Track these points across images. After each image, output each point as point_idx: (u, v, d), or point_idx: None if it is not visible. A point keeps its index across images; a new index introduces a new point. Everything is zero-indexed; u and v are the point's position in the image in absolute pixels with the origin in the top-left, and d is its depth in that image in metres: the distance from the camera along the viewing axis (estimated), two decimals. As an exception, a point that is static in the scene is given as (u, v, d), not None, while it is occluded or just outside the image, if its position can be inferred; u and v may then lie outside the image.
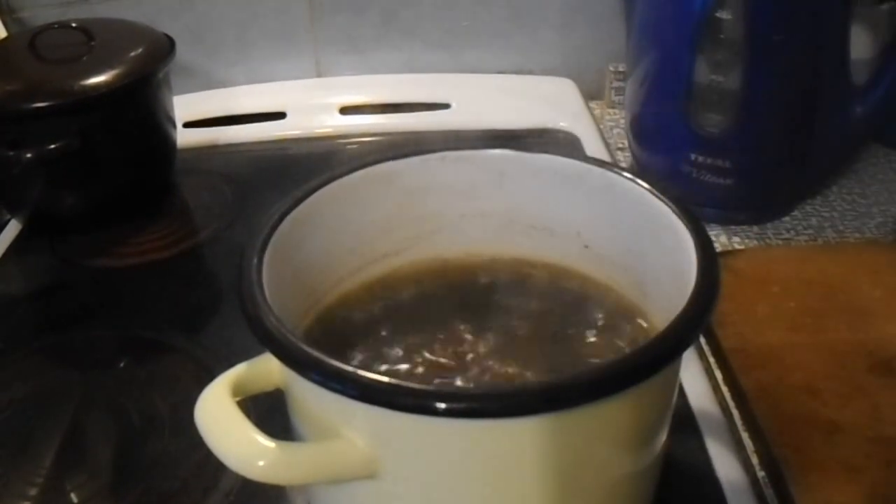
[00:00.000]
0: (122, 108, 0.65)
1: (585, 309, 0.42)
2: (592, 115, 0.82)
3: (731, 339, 0.51)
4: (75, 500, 0.44)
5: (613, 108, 0.86)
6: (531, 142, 0.62)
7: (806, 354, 0.49)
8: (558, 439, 0.31)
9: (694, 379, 0.49)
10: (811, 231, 0.65)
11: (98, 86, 0.62)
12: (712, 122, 0.61)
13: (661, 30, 0.64)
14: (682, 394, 0.48)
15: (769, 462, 0.44)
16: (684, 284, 0.33)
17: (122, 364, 0.54)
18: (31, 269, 0.66)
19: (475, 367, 0.38)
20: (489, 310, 0.42)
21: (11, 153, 0.60)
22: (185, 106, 0.79)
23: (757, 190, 0.65)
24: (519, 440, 0.31)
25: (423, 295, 0.43)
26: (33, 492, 0.45)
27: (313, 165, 0.75)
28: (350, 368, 0.30)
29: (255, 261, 0.35)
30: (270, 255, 0.36)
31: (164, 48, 0.68)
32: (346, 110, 0.83)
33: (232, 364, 0.35)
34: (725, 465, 0.44)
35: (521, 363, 0.38)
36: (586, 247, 0.44)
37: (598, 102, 0.87)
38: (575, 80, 0.86)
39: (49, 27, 0.66)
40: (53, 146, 0.61)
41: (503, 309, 0.42)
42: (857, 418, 0.45)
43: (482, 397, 0.30)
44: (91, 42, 0.65)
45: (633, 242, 0.41)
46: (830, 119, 0.63)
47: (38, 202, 0.67)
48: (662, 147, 0.67)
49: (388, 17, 0.86)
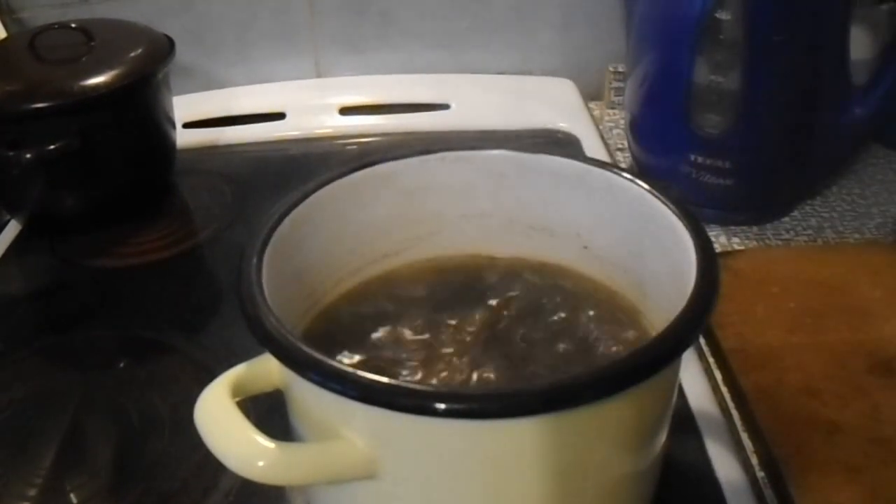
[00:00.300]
0: (122, 109, 0.65)
1: (585, 309, 0.42)
2: (592, 116, 0.82)
3: (730, 340, 0.51)
4: (75, 501, 0.44)
5: (613, 108, 0.86)
6: (531, 142, 0.62)
7: (805, 355, 0.49)
8: (558, 440, 0.31)
9: (693, 379, 0.49)
10: (811, 231, 0.65)
11: (98, 86, 0.62)
12: (712, 122, 0.61)
13: (660, 30, 0.64)
14: (682, 394, 0.48)
15: (769, 462, 0.44)
16: (684, 285, 0.33)
17: (122, 364, 0.54)
18: (31, 269, 0.66)
19: (475, 368, 0.38)
20: (489, 310, 0.42)
21: (11, 153, 0.60)
22: (185, 106, 0.79)
23: (756, 190, 0.65)
24: (519, 441, 0.31)
25: (423, 295, 0.43)
26: (33, 492, 0.45)
27: (313, 166, 0.75)
28: (350, 369, 0.30)
29: (254, 261, 0.36)
30: (270, 255, 0.36)
31: (163, 48, 0.68)
32: (345, 111, 0.83)
33: (232, 364, 0.35)
34: (725, 466, 0.44)
35: (520, 364, 0.38)
36: (586, 247, 0.44)
37: (597, 103, 0.87)
38: (575, 80, 0.86)
39: (49, 27, 0.66)
40: (53, 146, 0.61)
41: (503, 310, 0.42)
42: (856, 419, 0.45)
43: (482, 398, 0.30)
44: (91, 42, 0.65)
45: (633, 243, 0.41)
46: (830, 119, 0.63)
47: (37, 202, 0.67)
48: (662, 147, 0.67)
49: (388, 17, 0.86)
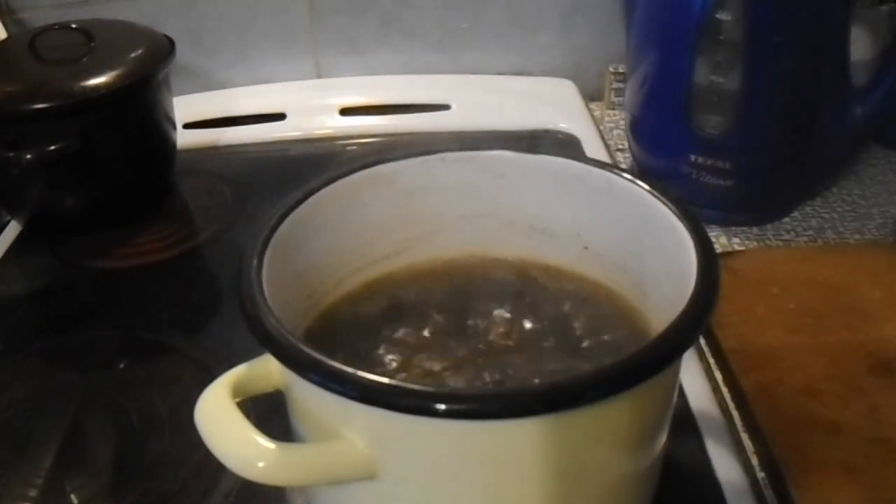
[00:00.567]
0: (122, 109, 0.65)
1: (585, 310, 0.42)
2: (592, 117, 0.82)
3: (730, 340, 0.51)
4: (75, 501, 0.44)
5: (613, 109, 0.86)
6: (531, 143, 0.62)
7: (806, 355, 0.49)
8: (558, 440, 0.31)
9: (694, 380, 0.49)
10: (811, 232, 0.65)
11: (98, 87, 0.62)
12: (712, 123, 0.61)
13: (661, 31, 0.64)
14: (682, 395, 0.48)
15: (769, 463, 0.44)
16: (684, 285, 0.33)
17: (122, 365, 0.54)
18: (31, 270, 0.66)
19: (475, 369, 0.38)
20: (489, 311, 0.42)
21: (11, 154, 0.60)
22: (185, 107, 0.79)
23: (757, 191, 0.65)
24: (519, 441, 0.31)
25: (423, 296, 0.43)
26: (33, 493, 0.45)
27: (313, 166, 0.75)
28: (350, 369, 0.30)
29: (255, 262, 0.36)
30: (270, 256, 0.36)
31: (163, 49, 0.68)
32: (345, 111, 0.83)
33: (232, 365, 0.35)
34: (725, 466, 0.44)
35: (521, 364, 0.38)
36: (586, 248, 0.44)
37: (597, 103, 0.87)
38: (575, 81, 0.86)
39: (49, 28, 0.66)
40: (53, 147, 0.61)
41: (503, 310, 0.42)
42: (856, 419, 0.45)
43: (482, 398, 0.30)
44: (91, 43, 0.65)
45: (633, 243, 0.41)
46: (830, 120, 0.63)
47: (38, 203, 0.67)
48: (662, 148, 0.67)
49: (388, 18, 0.86)
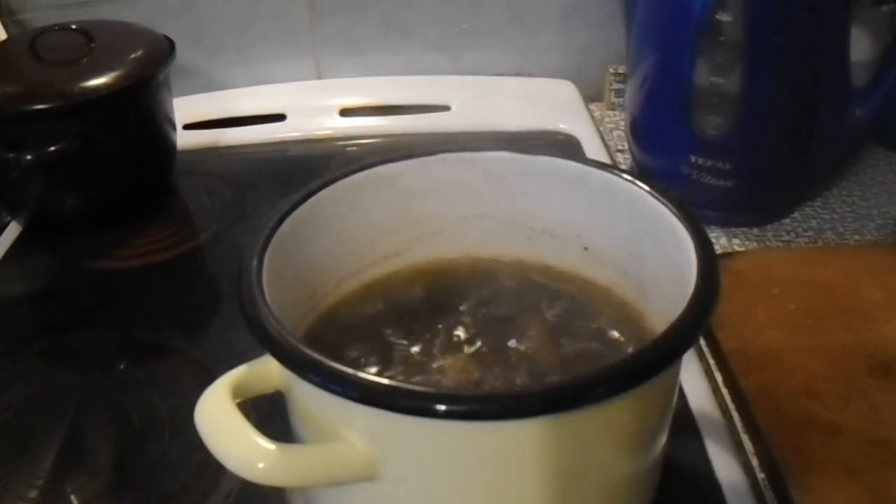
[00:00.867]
0: (122, 110, 0.65)
1: (585, 311, 0.42)
2: (592, 117, 0.82)
3: (730, 341, 0.51)
4: (75, 502, 0.44)
5: (613, 109, 0.86)
6: (531, 144, 0.61)
7: (806, 356, 0.49)
8: (558, 441, 0.31)
9: (694, 381, 0.49)
10: (811, 233, 0.65)
11: (98, 88, 0.62)
12: (712, 124, 0.61)
13: (661, 32, 0.64)
14: (682, 395, 0.48)
15: (769, 464, 0.44)
16: (684, 286, 0.33)
17: (122, 366, 0.54)
18: (31, 270, 0.66)
19: (475, 370, 0.38)
20: (488, 312, 0.42)
21: (11, 155, 0.60)
22: (185, 108, 0.79)
23: (757, 192, 0.65)
24: (519, 442, 0.31)
25: (423, 297, 0.43)
26: (33, 493, 0.45)
27: (313, 167, 0.75)
28: (350, 370, 0.30)
29: (255, 262, 0.36)
30: (270, 256, 0.36)
31: (164, 50, 0.68)
32: (345, 112, 0.83)
33: (232, 366, 0.35)
34: (725, 467, 0.44)
35: (521, 365, 0.38)
36: (586, 249, 0.44)
37: (597, 104, 0.87)
38: (575, 81, 0.86)
39: (49, 29, 0.66)
40: (53, 148, 0.61)
41: (502, 311, 0.42)
42: (856, 420, 0.45)
43: (482, 399, 0.30)
44: (91, 44, 0.65)
45: (633, 244, 0.41)
46: (830, 121, 0.63)
47: (38, 204, 0.67)
48: (662, 149, 0.67)
49: (388, 18, 0.86)
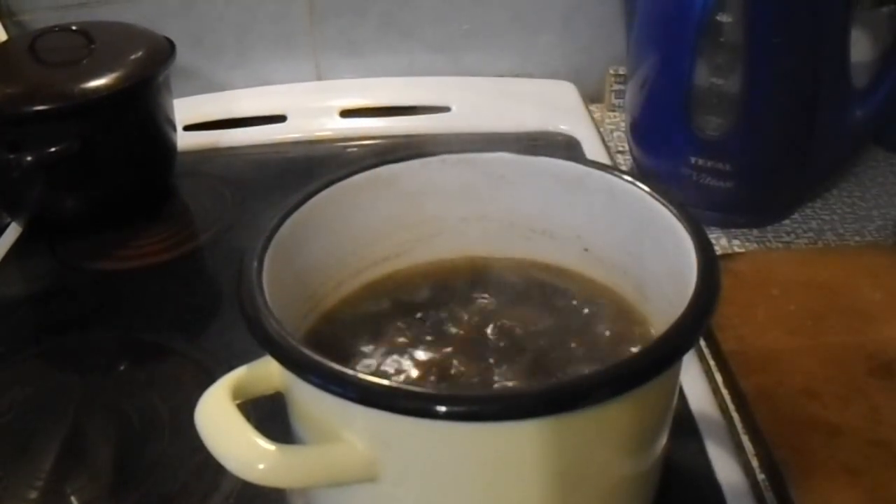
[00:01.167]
0: (123, 111, 0.65)
1: (585, 312, 0.42)
2: (592, 118, 0.82)
3: (731, 342, 0.51)
4: (75, 503, 0.44)
5: (614, 111, 0.86)
6: (531, 145, 0.62)
7: (806, 357, 0.49)
8: (558, 442, 0.31)
9: (694, 382, 0.49)
10: (811, 234, 0.65)
11: (98, 89, 0.62)
12: (712, 125, 0.61)
13: (661, 32, 0.64)
14: (682, 396, 0.48)
15: (769, 465, 0.44)
16: (684, 287, 0.33)
17: (123, 367, 0.54)
18: (31, 272, 0.66)
19: (475, 371, 0.38)
20: (489, 313, 0.42)
21: (11, 156, 0.60)
22: (186, 109, 0.79)
23: (757, 193, 0.65)
24: (519, 443, 0.31)
25: (424, 298, 0.43)
26: (33, 495, 0.45)
27: (313, 168, 0.75)
28: (350, 371, 0.30)
29: (255, 264, 0.36)
30: (270, 257, 0.36)
31: (164, 51, 0.68)
32: (346, 113, 0.83)
33: (232, 367, 0.35)
34: (725, 468, 0.44)
35: (521, 366, 0.38)
36: (586, 250, 0.44)
37: (598, 105, 0.87)
38: (575, 82, 0.86)
39: (49, 30, 0.66)
40: (54, 149, 0.61)
41: (503, 312, 0.42)
42: (856, 421, 0.45)
43: (482, 400, 0.30)
44: (91, 45, 0.65)
45: (633, 245, 0.41)
46: (831, 122, 0.63)
47: (38, 205, 0.67)
48: (663, 150, 0.67)
49: (388, 20, 0.86)
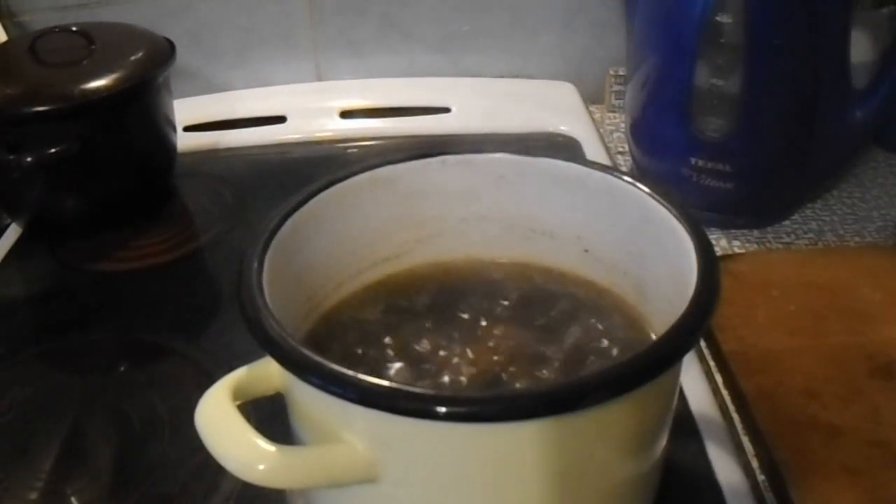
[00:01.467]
0: (123, 112, 0.65)
1: (585, 313, 0.42)
2: (593, 119, 0.82)
3: (731, 343, 0.51)
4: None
5: (614, 111, 0.86)
6: (531, 145, 0.62)
7: (806, 358, 0.49)
8: (559, 443, 0.31)
9: (694, 382, 0.49)
10: (811, 235, 0.65)
11: (98, 90, 0.62)
12: (713, 125, 0.61)
13: (661, 33, 0.64)
14: (682, 397, 0.48)
15: (769, 465, 0.44)
16: (684, 288, 0.33)
17: (123, 368, 0.54)
18: (31, 272, 0.66)
19: (475, 371, 0.38)
20: (489, 314, 0.42)
21: (12, 157, 0.60)
22: (186, 110, 0.79)
23: (757, 194, 0.65)
24: (520, 444, 0.31)
25: (424, 298, 0.43)
26: (33, 496, 0.45)
27: (313, 169, 0.74)
28: (350, 372, 0.30)
29: (255, 264, 0.35)
30: (271, 258, 0.36)
31: (164, 52, 0.68)
32: (346, 114, 0.83)
33: (232, 368, 0.35)
34: (725, 469, 0.44)
35: (521, 367, 0.38)
36: (586, 251, 0.44)
37: (598, 106, 0.87)
38: (575, 83, 0.86)
39: (49, 31, 0.66)
40: (54, 150, 0.61)
41: (502, 313, 0.42)
42: (857, 422, 0.45)
43: (483, 401, 0.30)
44: (91, 46, 0.65)
45: (634, 246, 0.41)
46: (831, 123, 0.63)
47: (38, 206, 0.67)
48: (663, 151, 0.67)
49: (389, 20, 0.86)
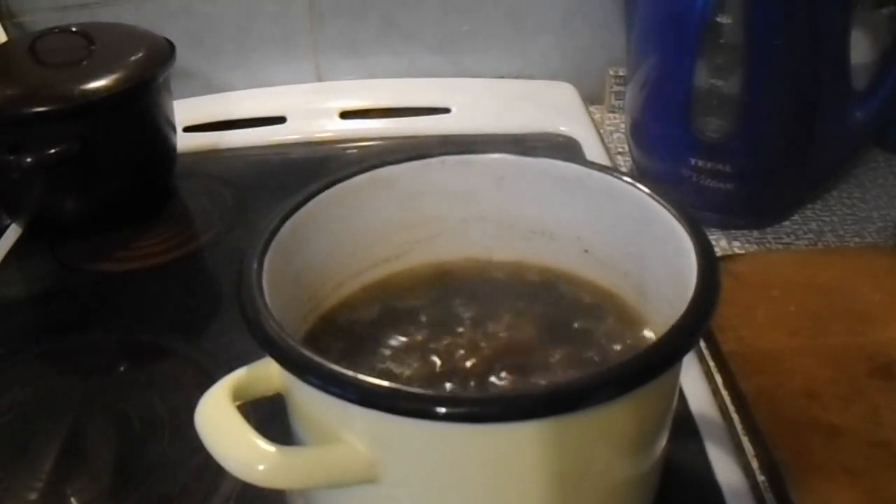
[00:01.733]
0: (123, 113, 0.65)
1: (585, 313, 0.42)
2: (592, 120, 0.82)
3: (731, 343, 0.51)
4: (75, 505, 0.44)
5: (614, 112, 0.86)
6: (531, 146, 0.62)
7: (806, 358, 0.49)
8: (559, 443, 0.31)
9: (694, 383, 0.49)
10: (811, 235, 0.65)
11: (98, 90, 0.62)
12: (712, 126, 0.61)
13: (661, 34, 0.64)
14: (682, 398, 0.48)
15: (769, 466, 0.44)
16: (684, 288, 0.33)
17: (122, 368, 0.54)
18: (31, 273, 0.66)
19: (475, 372, 0.38)
20: (489, 314, 0.42)
21: (12, 157, 0.60)
22: (186, 110, 0.79)
23: (757, 194, 0.65)
24: (520, 444, 0.31)
25: (423, 299, 0.43)
26: (33, 496, 0.45)
27: (313, 170, 0.75)
28: (350, 373, 0.30)
29: (255, 265, 0.35)
30: (271, 259, 0.36)
31: (164, 52, 0.68)
32: (346, 115, 0.83)
33: (232, 368, 0.35)
34: (725, 469, 0.44)
35: (520, 367, 0.38)
36: (586, 251, 0.44)
37: (598, 107, 0.87)
38: (575, 84, 0.86)
39: (49, 31, 0.66)
40: (54, 150, 0.61)
41: (502, 313, 0.42)
42: (857, 422, 0.45)
43: (482, 401, 0.30)
44: (91, 46, 0.65)
45: (633, 246, 0.41)
46: (831, 123, 0.63)
47: (38, 206, 0.67)
48: (663, 151, 0.67)
49: (388, 21, 0.86)
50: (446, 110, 0.82)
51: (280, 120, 0.82)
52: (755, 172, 0.63)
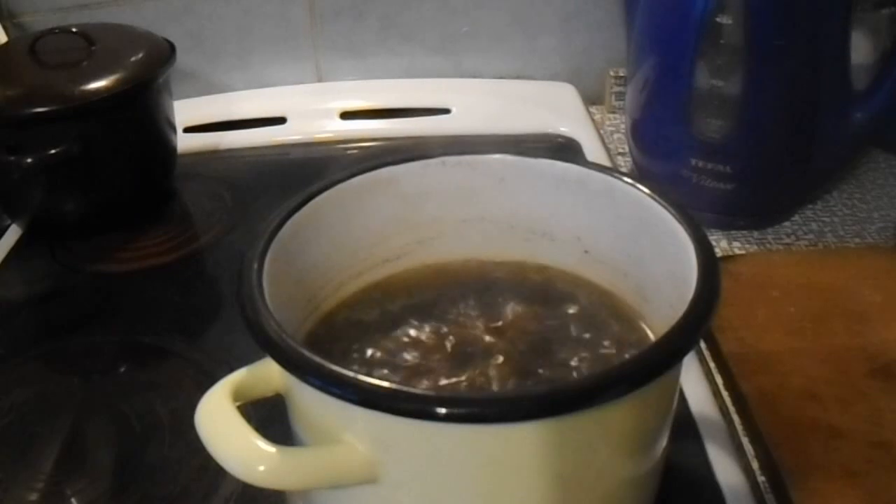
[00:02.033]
0: (123, 114, 0.65)
1: (585, 314, 0.42)
2: (593, 120, 0.82)
3: (731, 344, 0.51)
4: (75, 506, 0.44)
5: (614, 112, 0.86)
6: (531, 146, 0.62)
7: (806, 359, 0.49)
8: (559, 444, 0.31)
9: (694, 384, 0.49)
10: (811, 236, 0.65)
11: (98, 91, 0.62)
12: (713, 127, 0.61)
13: (661, 34, 0.64)
14: (683, 398, 0.48)
15: (769, 467, 0.44)
16: (685, 289, 0.33)
17: (123, 369, 0.54)
18: (31, 274, 0.66)
19: (475, 372, 0.38)
20: (489, 315, 0.42)
21: (12, 158, 0.60)
22: (186, 111, 0.79)
23: (757, 195, 0.65)
24: (520, 445, 0.31)
25: (423, 300, 0.43)
26: (33, 497, 0.45)
27: (313, 170, 0.74)
28: (350, 373, 0.30)
29: (255, 266, 0.35)
30: (271, 260, 0.36)
31: (164, 53, 0.68)
32: (346, 115, 0.83)
33: (232, 369, 0.35)
34: (726, 470, 0.44)
35: (521, 368, 0.38)
36: (586, 252, 0.44)
37: (598, 107, 0.87)
38: (575, 84, 0.86)
39: (49, 32, 0.66)
40: (54, 151, 0.61)
41: (503, 314, 0.42)
42: (857, 423, 0.45)
43: (483, 402, 0.30)
44: (91, 47, 0.65)
45: (634, 247, 0.41)
46: (831, 124, 0.63)
47: (38, 207, 0.67)
48: (663, 152, 0.67)
49: (389, 22, 0.86)
50: (446, 111, 0.83)
51: (280, 120, 0.83)
52: (755, 173, 0.63)
